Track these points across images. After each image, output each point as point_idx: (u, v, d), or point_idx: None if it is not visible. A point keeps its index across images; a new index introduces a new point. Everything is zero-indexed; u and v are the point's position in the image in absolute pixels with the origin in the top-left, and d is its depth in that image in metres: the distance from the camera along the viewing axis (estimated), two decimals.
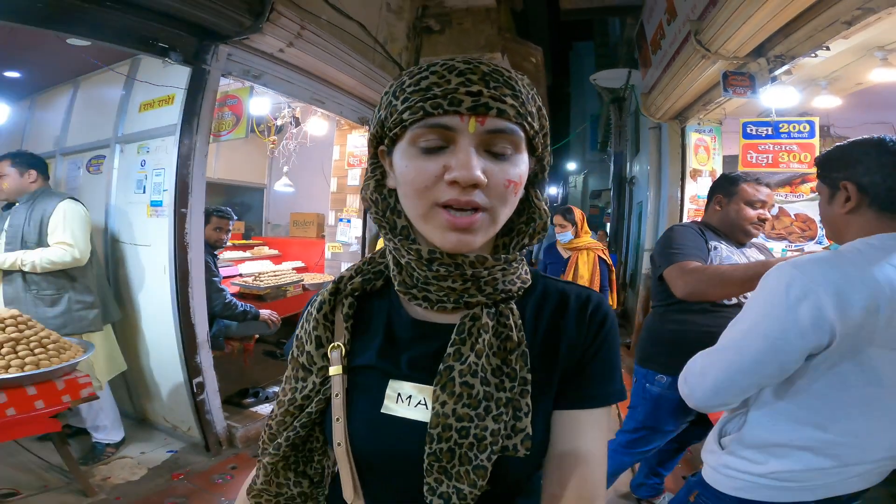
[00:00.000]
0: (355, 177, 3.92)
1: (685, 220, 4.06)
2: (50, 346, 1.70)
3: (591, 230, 3.62)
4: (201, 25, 2.11)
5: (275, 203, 4.94)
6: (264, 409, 2.97)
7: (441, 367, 0.51)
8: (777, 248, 3.65)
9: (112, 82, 2.65)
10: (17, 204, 2.13)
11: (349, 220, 4.01)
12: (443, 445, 0.48)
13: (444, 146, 0.48)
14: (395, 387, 0.53)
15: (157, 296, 2.38)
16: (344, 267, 3.63)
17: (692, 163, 4.07)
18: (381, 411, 0.52)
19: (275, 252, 4.31)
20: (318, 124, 3.47)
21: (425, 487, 0.48)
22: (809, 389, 0.87)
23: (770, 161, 2.89)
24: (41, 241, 2.07)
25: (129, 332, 2.56)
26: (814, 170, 1.19)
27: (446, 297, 0.53)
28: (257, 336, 3.07)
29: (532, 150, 0.53)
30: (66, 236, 2.04)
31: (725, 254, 1.56)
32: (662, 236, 1.65)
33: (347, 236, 4.02)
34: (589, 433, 0.52)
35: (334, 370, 0.55)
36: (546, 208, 0.57)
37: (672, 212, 4.26)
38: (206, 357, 2.44)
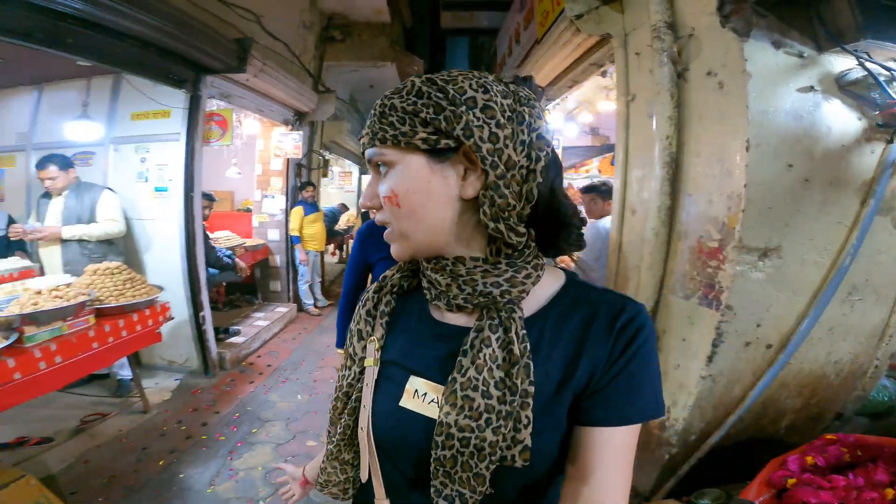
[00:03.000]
0: (277, 164, 4.93)
1: None
2: (144, 285, 2.65)
3: None
4: (201, 64, 3.04)
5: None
6: (236, 340, 4.00)
7: (449, 378, 0.53)
8: None
9: (75, 90, 3.31)
10: (67, 192, 2.83)
11: (273, 196, 5.02)
12: (446, 452, 0.50)
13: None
14: (414, 383, 0.56)
15: (164, 254, 3.27)
16: (270, 233, 4.77)
17: None
18: (400, 404, 0.56)
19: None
20: (252, 125, 4.42)
21: (432, 489, 0.51)
22: None
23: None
24: (91, 219, 2.85)
25: None
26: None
27: (440, 296, 0.58)
28: (225, 283, 4.05)
29: (434, 149, 0.51)
30: (114, 215, 2.89)
31: None
32: None
33: (272, 209, 5.04)
34: (608, 453, 0.50)
35: (368, 362, 0.60)
36: (492, 199, 0.52)
37: None
38: (205, 297, 3.42)
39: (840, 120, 1.57)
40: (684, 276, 1.86)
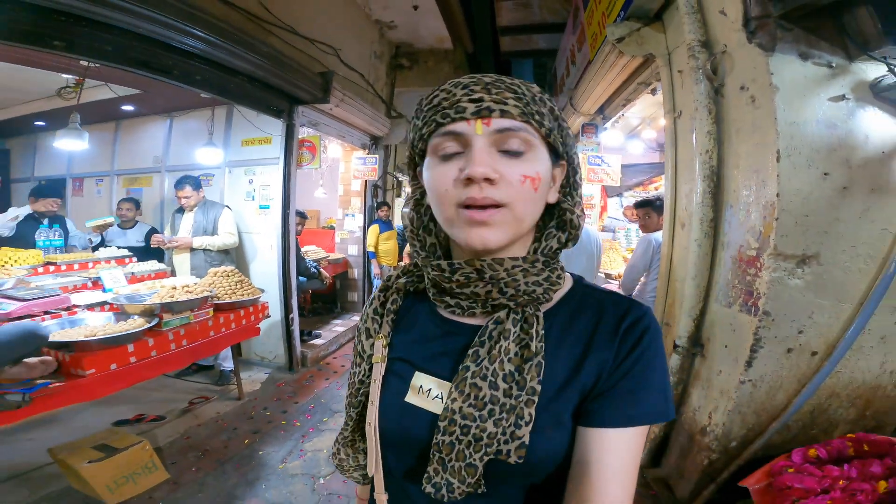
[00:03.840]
0: (356, 185, 5.49)
1: None
2: (250, 287, 3.18)
3: None
4: (294, 96, 3.61)
5: None
6: (317, 342, 4.50)
7: (460, 366, 0.54)
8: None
9: (199, 119, 4.05)
10: (196, 209, 3.52)
11: (353, 215, 5.57)
12: (446, 438, 0.51)
13: (460, 151, 0.52)
14: (420, 379, 0.58)
15: (265, 262, 3.85)
16: (350, 248, 5.30)
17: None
18: (405, 400, 0.57)
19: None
20: (335, 150, 5.01)
21: (424, 475, 0.52)
22: None
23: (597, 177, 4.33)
24: (214, 232, 3.51)
25: None
26: None
27: (474, 304, 0.56)
28: (311, 290, 4.60)
29: (554, 151, 0.55)
30: (231, 229, 3.52)
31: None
32: None
33: (352, 226, 5.59)
34: (614, 453, 0.50)
35: (375, 359, 0.61)
36: (573, 209, 0.58)
37: None
38: (294, 302, 3.93)
39: (878, 127, 1.59)
40: (727, 284, 1.92)
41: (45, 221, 3.28)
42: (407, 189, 9.27)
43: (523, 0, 5.51)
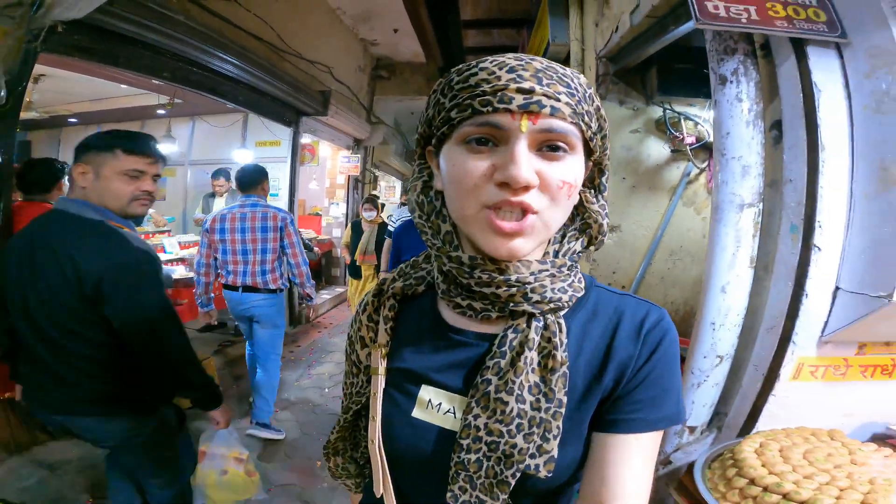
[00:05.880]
0: (341, 179, 6.56)
1: None
2: None
3: None
4: (300, 109, 4.65)
5: None
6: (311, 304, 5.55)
7: (479, 379, 0.50)
8: None
9: (225, 121, 5.06)
10: (226, 195, 4.51)
11: (338, 204, 6.65)
12: (471, 456, 0.48)
13: (494, 145, 0.46)
14: (427, 392, 0.54)
15: None
16: (334, 231, 6.39)
17: None
18: (412, 415, 0.54)
19: None
20: (325, 150, 6.09)
21: (448, 494, 0.49)
22: None
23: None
24: None
25: None
26: None
27: (491, 306, 0.51)
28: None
29: (589, 153, 0.51)
30: None
31: None
32: None
33: (336, 213, 6.67)
34: (631, 459, 0.49)
35: (374, 371, 0.57)
36: (602, 212, 0.55)
37: None
38: None
39: (654, 149, 2.76)
40: None
41: None
42: (382, 183, 10.28)
43: (485, 29, 6.65)
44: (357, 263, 4.51)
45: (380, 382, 0.56)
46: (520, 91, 0.44)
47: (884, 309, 1.00)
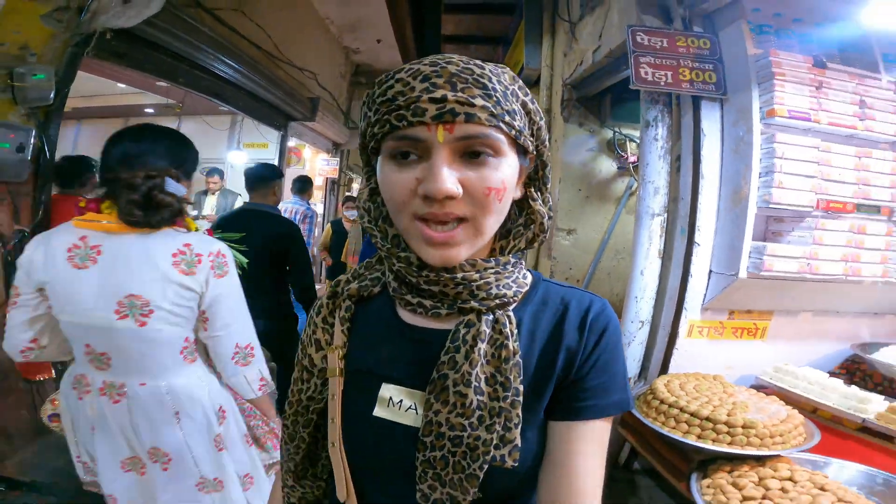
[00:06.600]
0: (319, 180, 6.88)
1: None
2: None
3: None
4: (289, 114, 4.97)
5: None
6: None
7: (435, 374, 0.50)
8: None
9: (206, 122, 5.31)
10: (218, 193, 4.76)
11: (316, 204, 6.96)
12: (436, 453, 0.49)
13: (418, 157, 0.46)
14: (387, 391, 0.54)
15: None
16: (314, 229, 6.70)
17: None
18: (374, 414, 0.53)
19: None
20: (306, 152, 6.41)
21: (418, 494, 0.49)
22: None
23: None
24: None
25: None
26: None
27: (440, 303, 0.53)
28: None
29: (522, 150, 0.51)
30: None
31: None
32: None
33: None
34: (584, 445, 0.51)
35: (331, 372, 0.56)
36: (544, 209, 0.56)
37: None
38: None
39: (604, 165, 3.32)
40: (544, 246, 3.60)
41: None
42: (356, 185, 10.55)
43: (463, 44, 7.16)
44: (348, 265, 4.61)
45: (338, 384, 0.56)
46: (432, 101, 0.43)
47: (734, 283, 1.55)
